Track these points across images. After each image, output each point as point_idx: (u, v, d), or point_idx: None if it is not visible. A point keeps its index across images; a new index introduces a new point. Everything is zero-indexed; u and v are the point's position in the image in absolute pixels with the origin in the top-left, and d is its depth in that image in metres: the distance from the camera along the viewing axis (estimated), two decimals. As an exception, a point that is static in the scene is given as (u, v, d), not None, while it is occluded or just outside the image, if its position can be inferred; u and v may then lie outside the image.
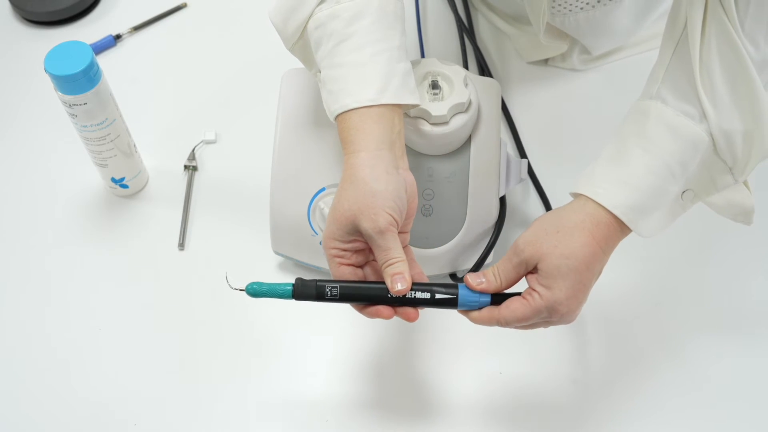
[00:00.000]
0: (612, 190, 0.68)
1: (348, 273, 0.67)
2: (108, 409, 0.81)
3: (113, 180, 0.92)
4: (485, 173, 0.81)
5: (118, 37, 1.09)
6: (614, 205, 0.67)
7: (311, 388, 0.82)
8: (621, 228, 0.68)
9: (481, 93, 0.82)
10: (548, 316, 0.67)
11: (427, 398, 0.82)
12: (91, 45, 0.88)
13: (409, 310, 0.67)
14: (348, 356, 0.84)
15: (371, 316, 0.67)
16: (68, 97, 0.80)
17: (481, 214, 0.82)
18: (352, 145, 0.66)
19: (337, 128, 0.68)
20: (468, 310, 0.68)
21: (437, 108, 0.77)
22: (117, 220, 0.93)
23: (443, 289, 0.67)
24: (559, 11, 0.94)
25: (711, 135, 0.68)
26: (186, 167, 0.97)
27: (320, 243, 0.82)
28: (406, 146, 0.80)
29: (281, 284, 0.67)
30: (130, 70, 1.05)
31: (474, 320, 0.68)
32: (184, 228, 0.92)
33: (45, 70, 0.78)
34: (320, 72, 0.70)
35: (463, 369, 0.83)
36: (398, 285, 0.64)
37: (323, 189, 0.81)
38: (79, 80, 0.78)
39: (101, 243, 0.92)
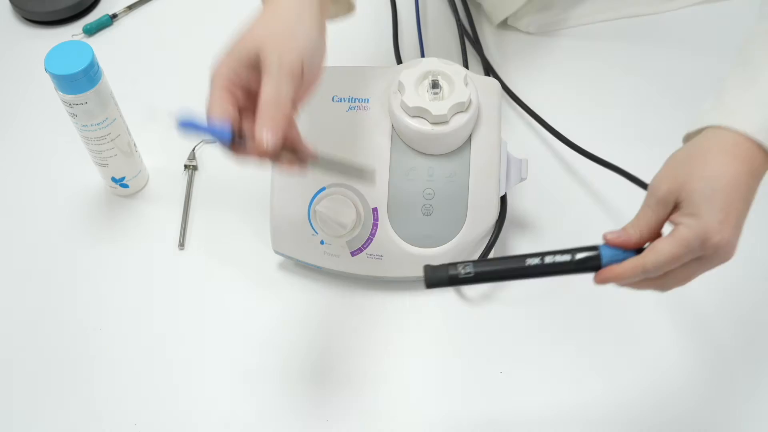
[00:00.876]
0: (748, 114, 0.61)
1: (228, 102, 0.59)
2: (108, 409, 0.81)
3: (113, 179, 0.92)
4: (486, 173, 0.81)
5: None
6: (756, 129, 0.60)
7: (311, 389, 0.82)
8: (765, 153, 0.61)
9: (481, 92, 0.82)
10: (701, 250, 0.59)
11: (427, 398, 0.82)
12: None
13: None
14: (347, 356, 0.84)
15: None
16: (68, 97, 0.80)
17: (481, 213, 0.82)
18: None
19: None
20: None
21: (437, 107, 0.77)
22: (117, 219, 0.93)
23: (584, 252, 0.62)
24: None
25: None
26: (186, 167, 0.97)
27: (321, 242, 0.82)
28: (406, 145, 0.80)
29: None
30: (130, 69, 1.05)
31: (618, 276, 0.61)
32: (184, 227, 0.92)
33: (45, 69, 0.78)
34: None
35: (462, 368, 0.83)
36: (268, 137, 0.56)
37: (324, 188, 0.81)
38: (79, 80, 0.78)
39: (101, 242, 0.92)
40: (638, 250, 0.62)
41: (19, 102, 1.03)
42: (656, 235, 0.62)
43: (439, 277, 0.63)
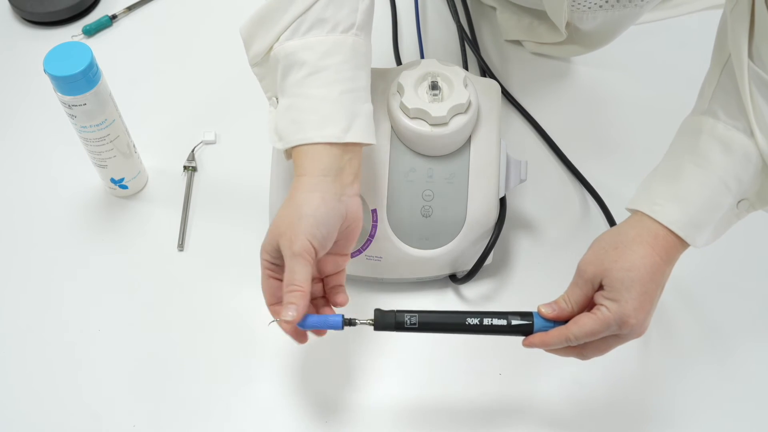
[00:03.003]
0: (668, 207, 0.69)
1: (274, 286, 0.68)
2: (107, 410, 0.81)
3: (113, 180, 0.92)
4: (485, 174, 0.81)
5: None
6: (671, 221, 0.69)
7: (310, 390, 0.82)
8: (680, 242, 0.69)
9: (480, 94, 0.81)
10: (618, 329, 0.67)
11: (427, 400, 0.82)
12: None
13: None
14: (347, 358, 0.84)
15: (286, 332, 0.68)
16: (67, 98, 0.80)
17: (481, 215, 0.82)
18: (300, 168, 0.68)
19: (290, 152, 0.70)
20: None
21: (437, 109, 0.77)
22: (116, 220, 0.93)
23: (519, 318, 0.69)
24: (578, 8, 0.94)
25: (760, 150, 0.69)
26: (185, 168, 0.97)
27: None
28: (405, 146, 0.80)
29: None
30: (129, 70, 1.05)
31: (544, 343, 0.69)
32: (184, 229, 0.92)
33: (44, 70, 0.78)
34: (282, 98, 0.71)
35: (463, 370, 0.83)
36: (289, 314, 0.65)
37: (323, 190, 0.81)
38: (78, 81, 0.78)
39: (100, 244, 0.92)
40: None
41: (19, 103, 1.03)
42: (583, 309, 0.70)
43: (386, 323, 0.69)
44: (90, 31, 1.09)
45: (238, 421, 0.80)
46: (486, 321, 0.69)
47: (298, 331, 0.68)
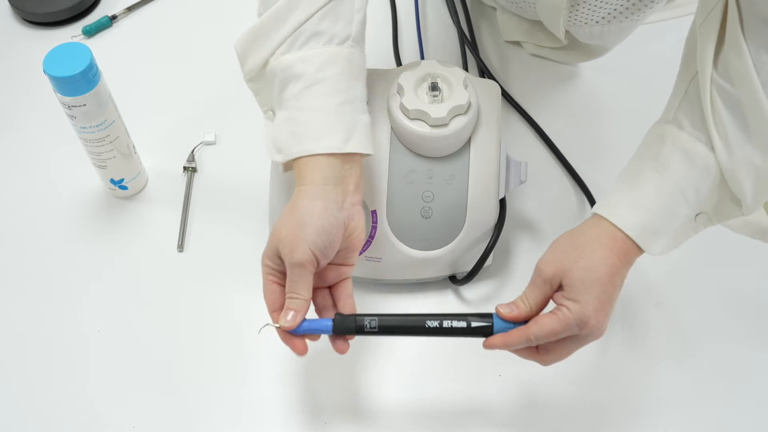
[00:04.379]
0: (625, 212, 0.70)
1: (277, 291, 0.69)
2: (107, 411, 0.81)
3: (112, 181, 0.92)
4: (485, 175, 0.81)
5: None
6: (627, 226, 0.69)
7: (310, 390, 0.82)
8: (637, 245, 0.70)
9: (480, 95, 0.81)
10: (578, 329, 0.68)
11: (427, 401, 0.82)
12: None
13: (340, 343, 0.70)
14: (347, 359, 0.84)
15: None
16: (67, 99, 0.80)
17: (480, 216, 0.82)
18: (302, 179, 0.69)
19: (292, 168, 0.71)
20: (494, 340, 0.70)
21: (437, 110, 0.77)
22: (116, 221, 0.93)
23: (478, 319, 0.69)
24: (575, 23, 0.95)
25: (719, 163, 0.69)
26: (185, 168, 0.97)
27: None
28: (405, 147, 0.80)
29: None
30: (129, 71, 1.05)
31: (505, 344, 0.69)
32: (183, 229, 0.92)
33: (44, 71, 0.78)
34: (279, 111, 0.71)
35: (462, 371, 0.83)
36: (287, 318, 0.67)
37: (322, 191, 0.81)
38: (77, 82, 0.78)
39: (100, 244, 0.92)
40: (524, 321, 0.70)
41: (18, 103, 1.03)
42: (541, 309, 0.70)
43: (346, 327, 0.69)
44: (90, 32, 1.09)
45: (237, 421, 0.80)
46: (446, 323, 0.69)
47: (294, 339, 0.69)
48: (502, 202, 0.84)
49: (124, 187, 0.93)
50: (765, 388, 0.83)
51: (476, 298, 0.88)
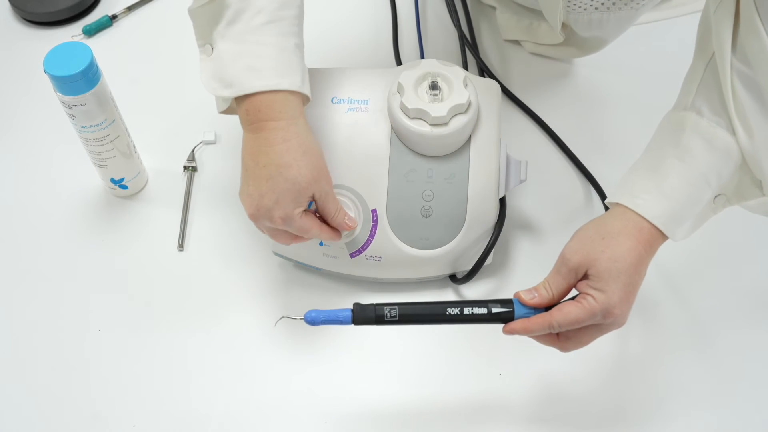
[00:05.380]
0: (651, 201, 0.70)
1: (313, 216, 0.73)
2: (107, 410, 0.81)
3: (113, 180, 0.92)
4: (485, 174, 0.81)
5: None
6: (654, 216, 0.70)
7: (310, 390, 0.82)
8: (661, 234, 0.70)
9: (480, 94, 0.81)
10: (602, 319, 0.68)
11: (427, 400, 0.82)
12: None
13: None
14: (346, 357, 0.84)
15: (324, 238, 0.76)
16: (67, 98, 0.80)
17: (480, 215, 0.82)
18: (285, 112, 0.69)
19: (242, 101, 0.71)
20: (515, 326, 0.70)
21: (437, 109, 0.77)
22: (116, 220, 0.93)
23: (499, 305, 0.69)
24: (574, 9, 0.94)
25: (740, 146, 0.70)
26: (185, 168, 0.97)
27: (320, 243, 0.82)
28: (405, 146, 0.80)
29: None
30: (129, 71, 1.05)
31: (526, 329, 0.69)
32: (184, 229, 0.92)
33: (44, 70, 0.78)
34: (226, 43, 0.70)
35: (462, 370, 0.83)
36: (354, 230, 0.76)
37: (323, 190, 0.81)
38: (78, 81, 0.78)
39: (100, 244, 0.92)
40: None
41: (18, 103, 1.03)
42: (563, 296, 0.70)
43: (366, 316, 0.68)
44: (90, 31, 1.09)
45: (237, 421, 0.80)
46: (466, 310, 0.68)
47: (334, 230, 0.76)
48: (502, 201, 0.84)
49: (125, 187, 0.93)
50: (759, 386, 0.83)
51: (477, 297, 0.88)
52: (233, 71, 0.69)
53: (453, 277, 0.87)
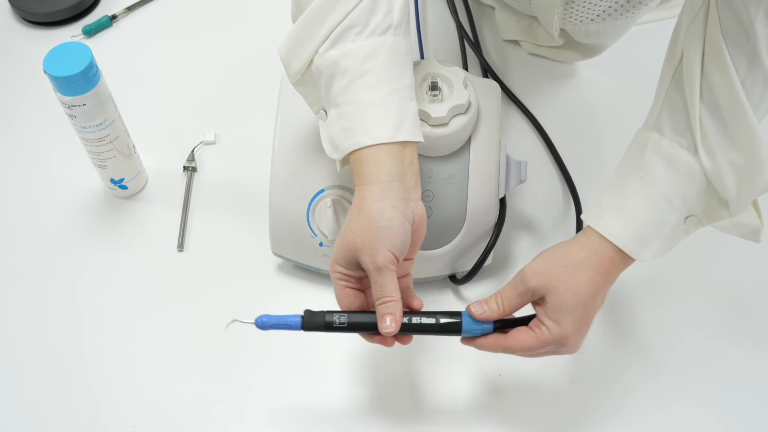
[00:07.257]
0: (613, 222, 0.70)
1: (351, 295, 0.69)
2: (107, 411, 0.81)
3: (112, 181, 0.92)
4: (485, 174, 0.81)
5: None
6: (614, 236, 0.70)
7: (310, 391, 0.82)
8: (624, 258, 0.70)
9: (480, 94, 0.81)
10: (555, 348, 0.70)
11: (427, 400, 0.82)
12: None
13: (406, 336, 0.70)
14: (347, 358, 0.84)
15: (374, 342, 0.71)
16: (67, 98, 0.80)
17: (480, 215, 0.82)
18: (364, 177, 0.67)
19: (349, 163, 0.70)
20: (472, 337, 0.71)
21: (437, 109, 0.77)
22: (116, 221, 0.93)
23: (447, 317, 0.70)
24: (570, 21, 0.95)
25: (704, 169, 0.69)
26: (185, 168, 0.97)
27: (320, 244, 0.82)
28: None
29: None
30: (129, 71, 1.05)
31: (480, 346, 0.71)
32: (183, 229, 0.92)
33: (44, 71, 0.78)
34: (330, 109, 0.70)
35: (462, 371, 0.83)
36: (387, 323, 0.66)
37: (322, 190, 0.81)
38: (77, 81, 0.78)
39: (100, 244, 0.92)
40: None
41: (18, 103, 1.03)
42: (513, 312, 0.71)
43: (315, 323, 0.68)
44: (90, 32, 1.09)
45: (237, 421, 0.80)
46: (414, 320, 0.69)
47: (385, 339, 0.70)
48: (502, 202, 0.84)
49: (124, 187, 0.93)
50: (757, 386, 0.83)
51: (476, 298, 0.88)
52: (335, 134, 0.69)
53: (453, 278, 0.87)
